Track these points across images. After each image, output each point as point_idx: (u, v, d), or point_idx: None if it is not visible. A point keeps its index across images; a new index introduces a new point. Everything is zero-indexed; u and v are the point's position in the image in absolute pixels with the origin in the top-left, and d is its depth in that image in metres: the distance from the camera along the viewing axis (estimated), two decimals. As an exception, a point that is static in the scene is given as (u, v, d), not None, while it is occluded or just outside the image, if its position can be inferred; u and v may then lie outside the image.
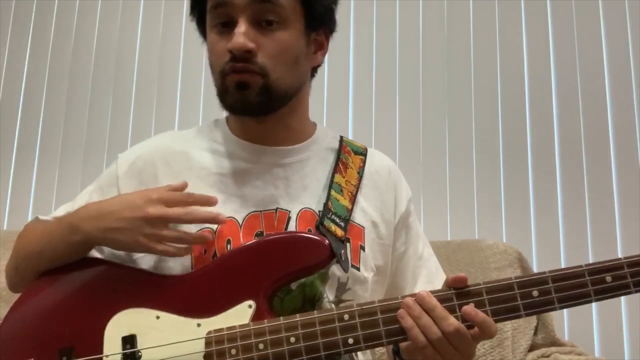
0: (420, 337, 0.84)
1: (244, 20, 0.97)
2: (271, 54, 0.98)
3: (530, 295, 0.85)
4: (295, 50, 1.02)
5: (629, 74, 2.01)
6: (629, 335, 1.86)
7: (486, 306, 0.85)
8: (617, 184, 1.95)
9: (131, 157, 1.09)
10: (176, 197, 0.95)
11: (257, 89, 0.98)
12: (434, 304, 0.85)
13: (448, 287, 0.88)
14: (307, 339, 0.87)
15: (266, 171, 1.05)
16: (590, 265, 0.85)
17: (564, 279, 0.85)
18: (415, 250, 1.14)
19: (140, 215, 0.91)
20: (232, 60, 0.97)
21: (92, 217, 0.95)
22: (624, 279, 0.83)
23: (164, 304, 0.92)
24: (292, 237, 0.97)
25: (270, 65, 0.98)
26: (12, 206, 2.19)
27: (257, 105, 1.00)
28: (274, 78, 0.99)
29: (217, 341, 0.88)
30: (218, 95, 1.04)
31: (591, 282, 0.84)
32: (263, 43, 0.98)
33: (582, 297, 0.84)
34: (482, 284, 0.87)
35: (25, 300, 0.98)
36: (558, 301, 0.84)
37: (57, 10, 2.32)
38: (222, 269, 0.94)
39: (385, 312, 0.87)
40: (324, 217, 1.00)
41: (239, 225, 1.01)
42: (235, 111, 1.03)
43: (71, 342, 0.91)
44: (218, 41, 1.00)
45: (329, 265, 0.94)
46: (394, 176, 1.15)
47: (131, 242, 0.92)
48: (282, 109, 1.03)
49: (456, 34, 2.12)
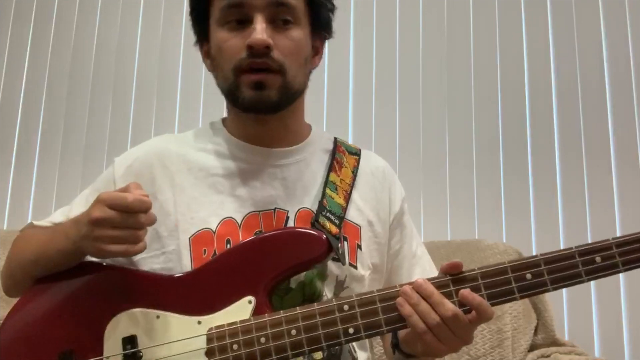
0: (419, 324, 0.85)
1: (262, 18, 0.98)
2: (287, 51, 1.00)
3: (524, 278, 0.86)
4: (305, 51, 1.04)
5: (629, 74, 2.01)
6: (629, 335, 1.86)
7: (482, 290, 0.86)
8: (617, 184, 1.96)
9: (128, 160, 1.09)
10: (113, 197, 0.87)
11: (276, 87, 0.99)
12: (432, 290, 0.86)
13: (444, 273, 0.89)
14: (308, 331, 0.88)
15: (264, 172, 1.06)
16: (580, 247, 0.87)
17: (556, 260, 0.87)
18: (410, 248, 1.16)
19: (86, 220, 0.88)
20: (250, 56, 0.98)
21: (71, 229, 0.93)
22: (613, 259, 0.86)
23: (163, 304, 0.92)
24: (290, 232, 0.98)
25: (286, 62, 0.99)
26: (12, 206, 2.19)
27: (274, 103, 1.01)
28: (291, 75, 1.00)
29: (219, 337, 0.89)
30: (227, 93, 1.04)
31: (582, 262, 0.86)
32: (279, 40, 0.99)
33: (574, 278, 0.86)
34: (477, 269, 0.88)
35: (24, 305, 0.98)
36: (551, 282, 0.86)
37: (57, 10, 2.32)
38: (220, 267, 0.95)
39: (384, 301, 0.88)
40: (319, 214, 1.01)
41: (238, 226, 1.01)
42: (249, 109, 1.03)
43: (70, 346, 0.91)
44: (232, 38, 1.00)
45: (327, 259, 0.95)
46: (388, 176, 1.16)
47: (93, 250, 0.90)
48: (284, 109, 1.04)
49: (456, 34, 2.13)
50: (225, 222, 1.01)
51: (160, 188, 1.05)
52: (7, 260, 1.07)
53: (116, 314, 0.92)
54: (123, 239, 0.87)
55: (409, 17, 2.15)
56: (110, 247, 0.87)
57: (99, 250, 0.89)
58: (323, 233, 0.95)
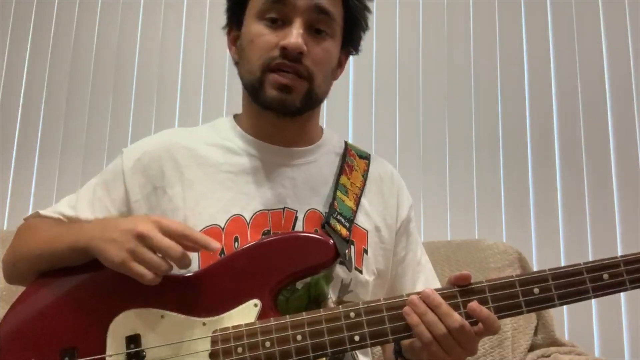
0: (425, 334, 0.85)
1: (300, 23, 0.99)
2: (317, 60, 1.00)
3: (532, 292, 0.87)
4: (333, 62, 1.06)
5: (629, 74, 2.01)
6: (629, 335, 1.86)
7: (489, 303, 0.87)
8: (617, 184, 1.96)
9: (137, 152, 1.08)
10: (173, 226, 0.88)
11: (302, 94, 1.00)
12: (439, 301, 0.86)
13: (452, 284, 0.89)
14: (313, 337, 0.87)
15: (274, 170, 1.06)
16: (588, 264, 0.88)
17: (563, 276, 0.87)
18: (415, 256, 1.16)
19: (129, 228, 0.87)
20: (282, 57, 0.98)
21: (96, 227, 0.93)
22: (620, 277, 0.87)
23: (168, 304, 0.92)
24: (298, 237, 0.97)
25: (315, 71, 1.00)
26: (12, 206, 2.19)
27: (296, 108, 1.01)
28: (317, 84, 1.01)
29: (223, 339, 0.88)
30: (250, 87, 1.03)
31: (589, 279, 0.87)
32: (311, 48, 1.00)
33: (580, 294, 0.87)
34: (485, 282, 0.88)
35: (26, 300, 0.97)
36: (558, 298, 0.87)
37: (57, 10, 2.32)
38: (227, 269, 0.94)
39: (391, 310, 0.88)
40: (330, 216, 1.01)
41: (246, 223, 1.01)
42: (270, 108, 1.02)
43: (73, 342, 0.90)
44: (267, 34, 1.00)
45: (334, 265, 0.95)
46: (397, 182, 1.17)
47: (114, 256, 0.87)
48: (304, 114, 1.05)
49: (456, 34, 2.13)
50: (233, 219, 1.00)
51: (170, 182, 1.04)
52: (10, 248, 1.06)
53: (120, 312, 0.92)
54: (149, 264, 0.86)
55: (409, 17, 2.15)
56: (134, 265, 0.86)
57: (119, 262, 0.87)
58: (330, 239, 0.95)
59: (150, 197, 1.04)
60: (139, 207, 1.04)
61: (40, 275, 0.99)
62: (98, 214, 1.05)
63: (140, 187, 1.05)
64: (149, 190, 1.04)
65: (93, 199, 1.07)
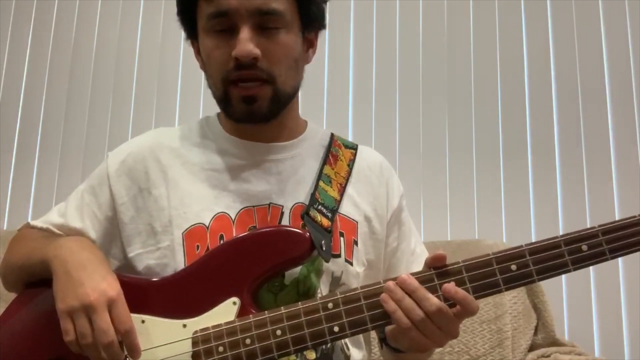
0: (403, 320, 0.84)
1: (247, 27, 0.96)
2: (275, 58, 0.98)
3: (509, 270, 0.85)
4: (295, 52, 1.02)
5: (629, 74, 2.01)
6: (629, 335, 1.86)
7: (466, 284, 0.86)
8: (617, 184, 1.95)
9: (121, 155, 1.09)
10: (121, 315, 0.86)
11: (268, 99, 0.98)
12: (415, 285, 0.85)
13: (428, 267, 0.88)
14: (293, 331, 0.87)
15: (259, 167, 1.05)
16: (565, 236, 0.86)
17: (541, 250, 0.86)
18: (408, 246, 1.15)
19: (86, 292, 0.86)
20: (237, 68, 0.96)
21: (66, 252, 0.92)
22: (600, 247, 0.85)
23: (148, 308, 0.92)
24: (271, 232, 0.96)
25: (275, 70, 0.98)
26: (12, 206, 2.19)
27: (266, 115, 1.00)
28: (281, 82, 0.99)
29: (204, 340, 0.89)
30: (219, 102, 1.03)
31: (568, 252, 0.85)
32: (266, 48, 0.97)
33: (560, 267, 0.85)
34: (461, 262, 0.87)
35: (13, 311, 0.98)
36: (537, 273, 0.85)
37: (57, 10, 2.32)
38: (204, 268, 0.94)
39: (368, 298, 0.88)
40: (310, 207, 1.00)
41: (231, 221, 1.00)
42: (241, 121, 1.03)
43: (59, 352, 0.90)
44: (218, 47, 0.99)
45: (310, 257, 0.94)
46: (385, 172, 1.15)
47: (60, 305, 0.87)
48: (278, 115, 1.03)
49: (456, 34, 2.12)
50: (218, 217, 1.00)
51: (154, 182, 1.04)
52: (4, 259, 1.08)
53: None
54: (80, 333, 0.85)
55: (409, 16, 2.15)
56: (67, 323, 0.86)
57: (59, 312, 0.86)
58: (306, 231, 0.94)
59: (136, 198, 1.04)
60: (125, 210, 1.04)
61: (27, 285, 1.00)
62: (87, 221, 1.05)
63: (126, 189, 1.05)
64: (135, 192, 1.05)
65: (81, 205, 1.07)
